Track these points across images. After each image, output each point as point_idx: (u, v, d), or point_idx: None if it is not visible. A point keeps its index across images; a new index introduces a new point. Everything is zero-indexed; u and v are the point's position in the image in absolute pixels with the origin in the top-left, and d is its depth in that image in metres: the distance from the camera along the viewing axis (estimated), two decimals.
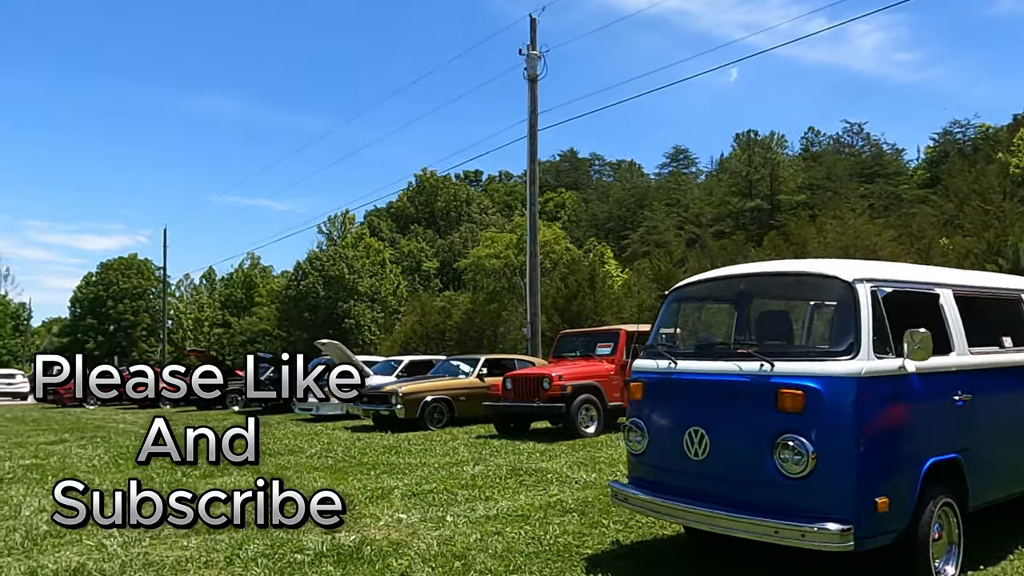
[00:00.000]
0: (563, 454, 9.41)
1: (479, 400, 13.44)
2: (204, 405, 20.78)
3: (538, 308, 21.25)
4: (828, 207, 57.07)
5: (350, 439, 11.87)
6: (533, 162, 21.46)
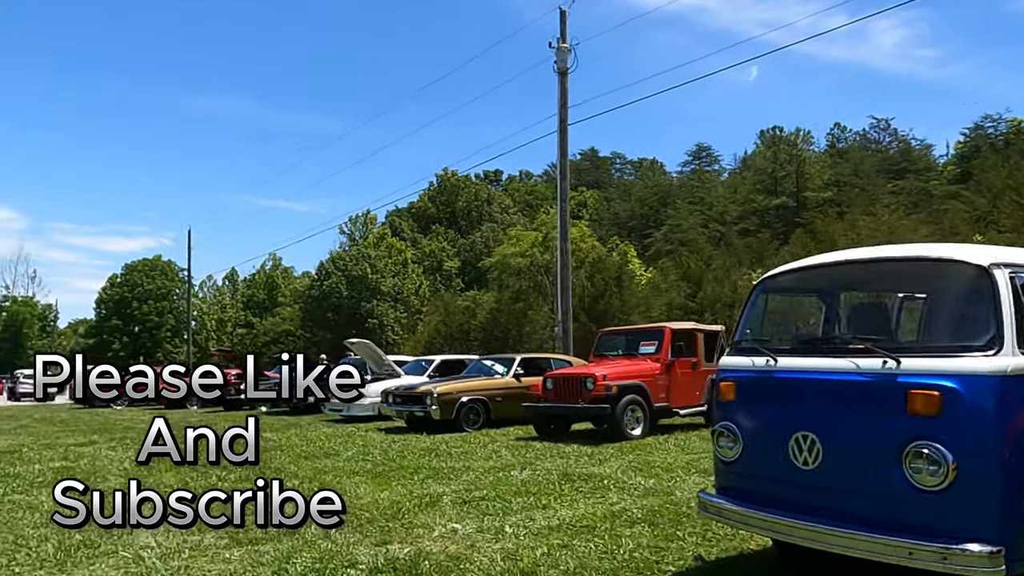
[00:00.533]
0: (613, 458, 8.95)
1: (515, 401, 13.03)
2: (232, 406, 20.57)
3: (569, 306, 20.78)
4: (856, 204, 56.22)
5: (385, 441, 11.48)
6: (564, 157, 20.99)
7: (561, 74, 20.83)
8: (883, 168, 69.88)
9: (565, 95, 20.89)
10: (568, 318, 20.62)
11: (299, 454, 10.14)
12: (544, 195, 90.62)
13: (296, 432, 13.26)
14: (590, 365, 11.74)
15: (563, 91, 20.87)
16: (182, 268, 78.77)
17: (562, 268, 20.82)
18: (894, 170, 68.69)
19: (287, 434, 13.00)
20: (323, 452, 10.29)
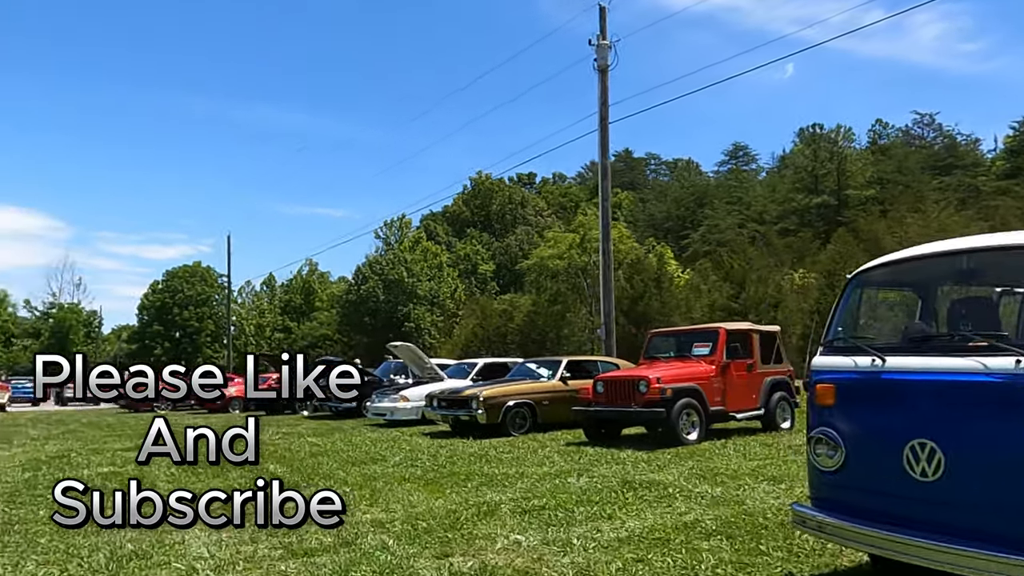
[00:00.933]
0: (672, 464, 8.57)
1: (563, 404, 12.73)
2: (273, 409, 20.55)
3: (612, 308, 20.40)
4: (900, 201, 54.84)
5: (432, 446, 11.23)
6: (604, 156, 20.65)
7: (601, 71, 20.50)
8: (928, 164, 68.04)
9: (606, 92, 20.55)
10: (611, 320, 20.24)
11: (346, 459, 9.93)
12: (578, 197, 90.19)
13: (341, 437, 13.10)
14: (641, 368, 11.35)
15: (603, 88, 20.53)
16: (221, 274, 79.89)
17: (604, 269, 20.45)
18: (940, 166, 66.81)
19: (332, 439, 12.84)
20: (370, 457, 10.08)
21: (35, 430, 17.74)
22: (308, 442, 12.38)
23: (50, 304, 71.85)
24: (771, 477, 7.40)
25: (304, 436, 13.49)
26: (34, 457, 11.57)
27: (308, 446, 11.79)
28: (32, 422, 20.88)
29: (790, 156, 78.33)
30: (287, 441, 12.72)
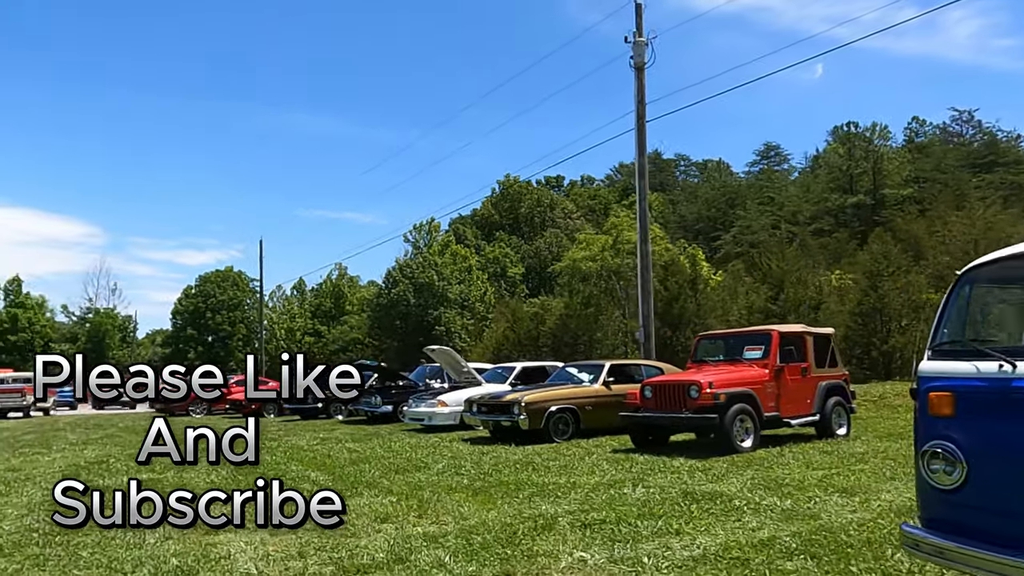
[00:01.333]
0: (730, 473, 8.15)
1: (606, 410, 12.37)
2: (307, 414, 20.42)
3: (651, 310, 19.94)
4: (940, 200, 53.46)
5: (474, 453, 10.91)
6: (642, 155, 20.22)
7: (638, 69, 20.10)
8: (967, 162, 66.40)
9: (642, 91, 20.15)
10: (649, 322, 19.80)
11: (388, 466, 9.65)
12: (607, 199, 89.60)
13: (379, 443, 12.84)
14: (690, 372, 10.93)
15: (640, 87, 20.13)
16: (253, 278, 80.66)
17: (643, 271, 20.02)
18: (980, 164, 65.15)
19: (370, 445, 12.59)
20: (412, 465, 9.79)
21: (74, 434, 17.78)
22: (347, 448, 12.14)
23: (87, 309, 73.08)
24: (841, 488, 6.97)
25: (342, 442, 13.27)
26: (73, 463, 11.48)
27: (347, 452, 11.55)
28: (71, 426, 20.98)
29: (823, 155, 76.94)
30: (325, 447, 12.50)
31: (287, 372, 4.64)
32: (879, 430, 11.94)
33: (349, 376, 4.69)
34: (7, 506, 7.69)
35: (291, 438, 14.37)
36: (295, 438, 14.31)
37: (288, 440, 13.91)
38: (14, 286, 72.32)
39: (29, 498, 8.23)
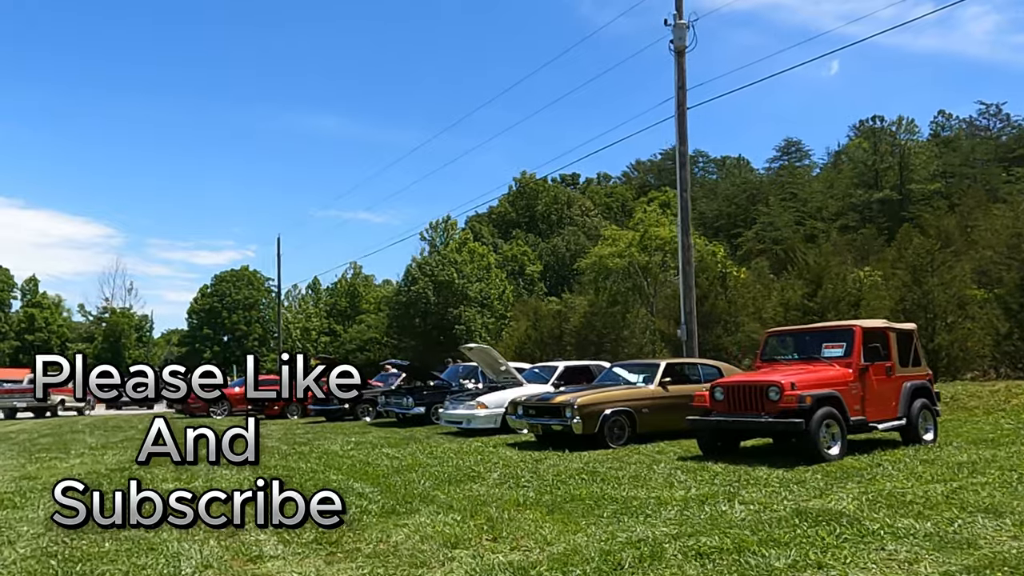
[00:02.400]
0: (832, 487, 7.20)
1: (664, 413, 11.47)
2: (333, 415, 19.56)
3: (693, 306, 19.00)
4: (969, 194, 52.13)
5: (527, 461, 10.00)
6: (683, 143, 19.26)
7: (678, 53, 19.15)
8: (996, 156, 64.90)
9: (683, 75, 19.19)
10: (692, 319, 18.85)
11: (437, 476, 8.76)
12: (624, 197, 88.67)
13: (418, 448, 11.96)
14: (765, 372, 9.96)
15: (681, 71, 19.18)
16: (268, 278, 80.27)
17: (684, 265, 19.08)
18: (1010, 157, 63.62)
19: (409, 450, 11.71)
20: (463, 474, 8.89)
21: (92, 437, 17.01)
22: (385, 454, 11.26)
23: (103, 309, 72.75)
24: (980, 508, 6.00)
25: (378, 446, 12.39)
26: (93, 470, 10.67)
27: (387, 459, 10.66)
28: (89, 428, 20.23)
29: (846, 151, 75.59)
30: (362, 452, 11.62)
31: (287, 372, 4.58)
32: (966, 435, 10.93)
33: (349, 376, 4.63)
34: (22, 522, 6.86)
35: (322, 442, 13.52)
36: (326, 442, 13.45)
37: (319, 444, 13.06)
38: (31, 286, 72.21)
39: (46, 512, 7.39)
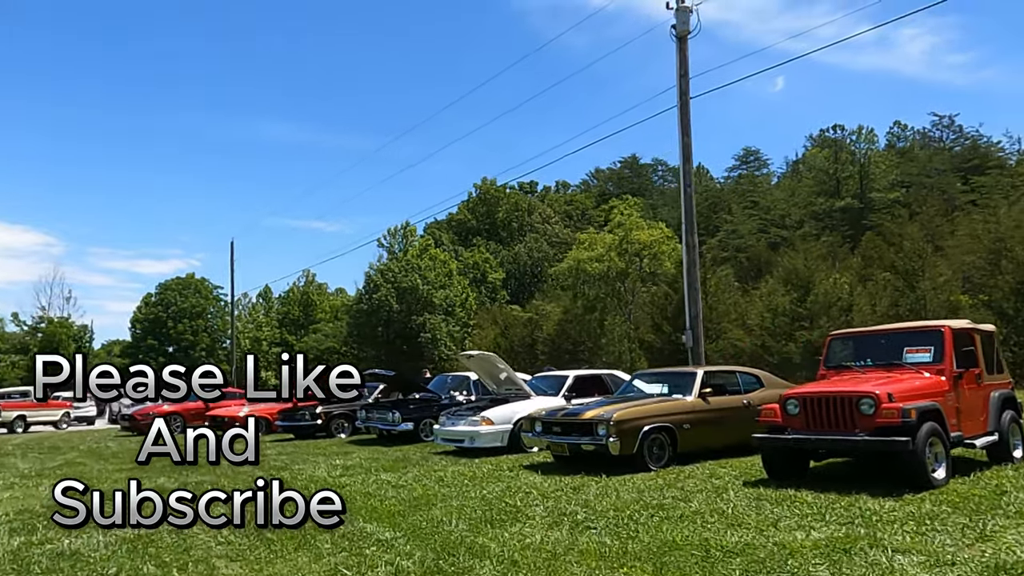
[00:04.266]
0: (985, 524, 5.74)
1: (705, 428, 10.03)
2: (303, 433, 17.49)
3: (700, 309, 17.65)
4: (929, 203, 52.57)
5: (563, 489, 8.35)
6: (686, 135, 17.92)
7: (680, 39, 17.91)
8: (952, 166, 65.90)
9: (685, 63, 17.92)
10: (698, 323, 17.48)
11: (467, 513, 7.05)
12: (584, 205, 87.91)
13: (422, 472, 10.19)
14: (842, 380, 8.50)
15: (683, 58, 17.91)
16: (216, 286, 76.91)
17: (689, 265, 17.73)
18: (965, 168, 64.64)
19: (411, 476, 9.93)
20: (499, 511, 7.19)
21: (25, 461, 14.70)
22: (385, 482, 9.47)
23: (39, 318, 68.42)
24: None
25: (371, 471, 10.58)
26: (24, 507, 8.62)
27: (391, 488, 8.89)
28: (22, 449, 17.77)
29: (806, 159, 76.09)
30: (356, 480, 9.79)
31: (287, 372, 4.44)
32: None
33: (349, 376, 4.49)
34: None
35: (301, 466, 11.63)
36: (306, 466, 11.56)
37: (300, 470, 11.17)
38: None
39: None
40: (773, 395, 10.89)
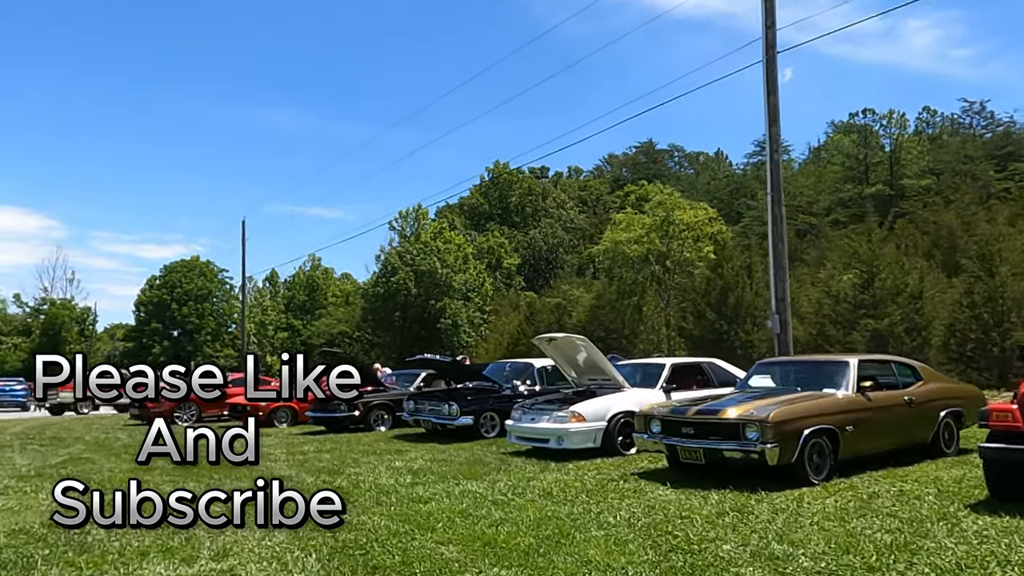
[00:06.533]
0: None
1: (869, 431, 8.08)
2: (338, 426, 15.38)
3: (786, 292, 15.61)
4: (964, 190, 50.57)
5: (720, 512, 6.34)
6: (773, 94, 15.83)
7: None
8: (984, 153, 63.65)
9: (772, 13, 15.84)
10: (785, 307, 15.46)
11: (639, 557, 5.05)
12: (599, 190, 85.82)
13: (514, 480, 8.15)
14: None
15: (769, 7, 15.85)
16: (222, 269, 74.95)
17: (775, 241, 15.67)
18: (998, 155, 62.40)
19: (502, 485, 7.89)
20: (682, 548, 5.20)
21: (23, 456, 12.75)
22: (477, 496, 7.44)
23: (41, 300, 66.57)
24: None
25: (448, 479, 8.55)
26: (19, 525, 6.63)
27: (493, 508, 6.85)
28: (21, 440, 15.84)
29: (827, 145, 73.82)
30: (435, 490, 7.76)
31: (287, 372, 4.41)
32: None
33: (349, 376, 4.46)
34: None
35: (355, 469, 9.61)
36: (361, 469, 9.54)
37: (356, 475, 9.15)
38: None
39: None
40: (937, 390, 8.94)
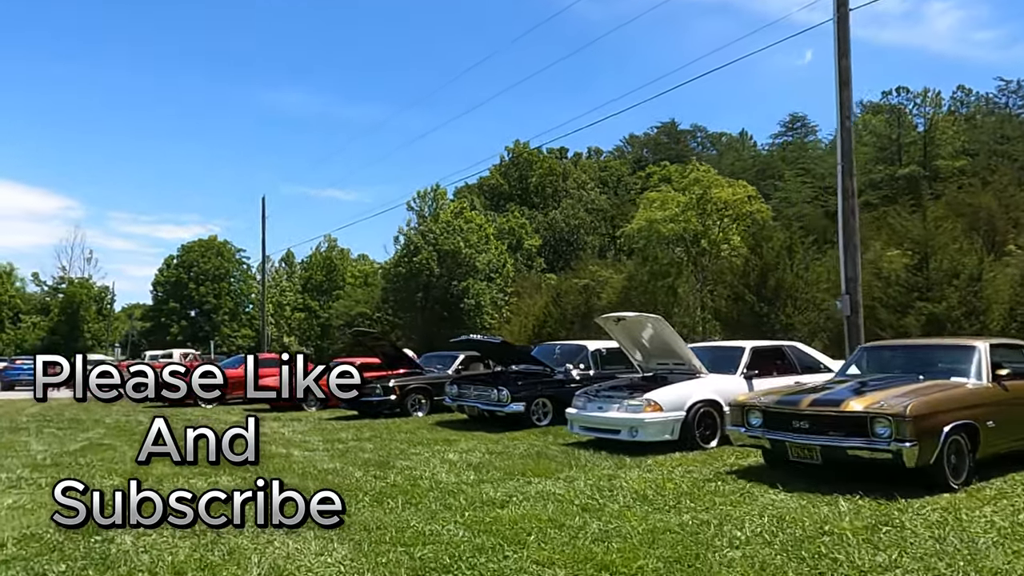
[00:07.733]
0: None
1: (1011, 427, 6.93)
2: (373, 411, 14.29)
3: (858, 272, 14.39)
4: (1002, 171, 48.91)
5: (867, 526, 5.25)
6: (844, 56, 14.52)
7: None
8: (1022, 133, 61.60)
9: None
10: (856, 288, 14.23)
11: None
12: (620, 171, 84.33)
13: (592, 479, 7.09)
14: None
15: None
16: (239, 249, 74.35)
17: (844, 214, 14.42)
18: None
19: (581, 484, 6.82)
20: None
21: (39, 441, 11.86)
22: (559, 499, 6.39)
23: (60, 279, 66.19)
24: None
25: (514, 475, 7.49)
26: (29, 530, 5.65)
27: (583, 516, 5.80)
28: (37, 423, 14.99)
29: (856, 126, 71.96)
30: (505, 490, 6.70)
31: (287, 372, 4.44)
32: None
33: (349, 376, 4.48)
34: None
35: (403, 461, 8.58)
36: (412, 463, 8.48)
37: (404, 467, 8.11)
38: None
39: None
40: None
